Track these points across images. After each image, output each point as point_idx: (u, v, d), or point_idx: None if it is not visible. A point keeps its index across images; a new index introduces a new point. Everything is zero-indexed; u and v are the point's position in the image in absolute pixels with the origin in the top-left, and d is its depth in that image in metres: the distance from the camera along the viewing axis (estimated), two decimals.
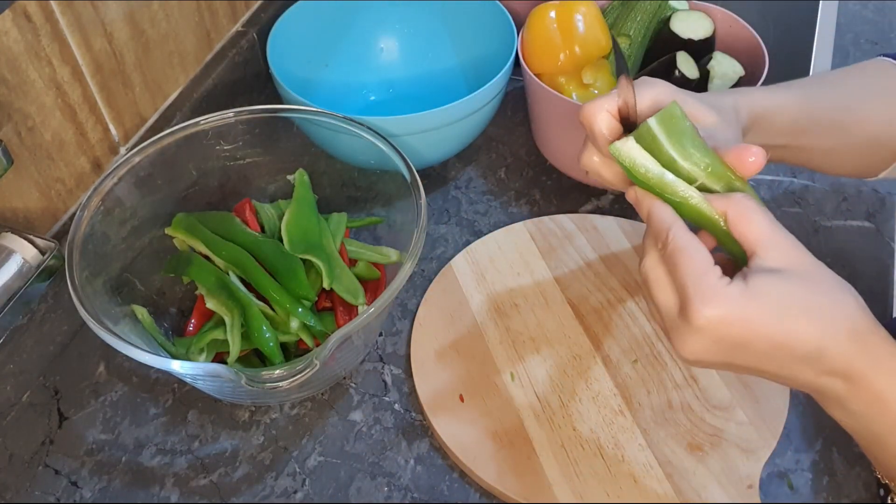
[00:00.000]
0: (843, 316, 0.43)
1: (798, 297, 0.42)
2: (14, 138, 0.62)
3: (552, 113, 0.78)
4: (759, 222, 0.44)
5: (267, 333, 0.61)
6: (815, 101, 0.61)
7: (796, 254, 0.44)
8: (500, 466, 0.60)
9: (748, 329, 0.42)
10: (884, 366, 0.43)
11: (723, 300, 0.42)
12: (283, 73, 0.78)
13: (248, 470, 0.62)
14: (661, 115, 0.47)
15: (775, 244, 0.44)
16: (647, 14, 0.81)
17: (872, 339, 0.43)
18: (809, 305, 0.42)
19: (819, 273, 0.44)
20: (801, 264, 0.44)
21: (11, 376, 0.65)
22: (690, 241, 0.45)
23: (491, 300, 0.71)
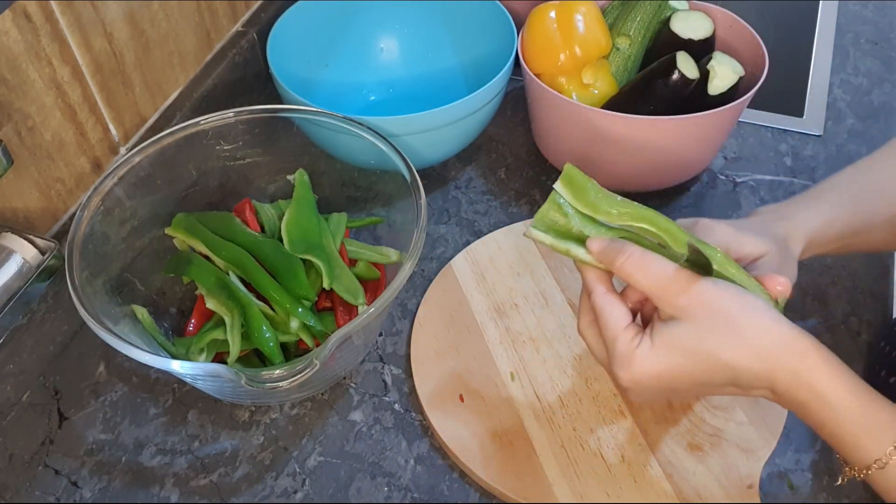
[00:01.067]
0: (751, 343, 0.47)
1: (697, 341, 0.47)
2: (14, 138, 0.62)
3: (552, 113, 0.78)
4: (648, 274, 0.48)
5: (267, 333, 0.61)
6: (864, 204, 0.60)
7: (690, 295, 0.47)
8: (500, 466, 0.60)
9: (665, 379, 0.48)
10: (800, 376, 0.46)
11: (633, 364, 0.48)
12: (283, 73, 0.78)
13: (248, 470, 0.62)
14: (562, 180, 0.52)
15: (668, 293, 0.48)
16: (647, 14, 0.81)
17: (779, 350, 0.47)
18: (709, 346, 0.47)
19: (718, 305, 0.47)
20: (698, 304, 0.47)
21: (11, 376, 0.65)
22: (605, 304, 0.50)
23: (491, 300, 0.71)
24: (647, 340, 0.48)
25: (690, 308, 0.47)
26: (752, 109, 0.90)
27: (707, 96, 0.74)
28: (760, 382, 0.47)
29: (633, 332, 0.49)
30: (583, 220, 0.52)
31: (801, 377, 0.46)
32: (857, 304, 0.71)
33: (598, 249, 0.50)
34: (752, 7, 1.05)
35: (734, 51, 0.81)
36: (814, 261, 0.75)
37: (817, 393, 0.46)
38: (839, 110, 0.91)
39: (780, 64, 0.78)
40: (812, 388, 0.46)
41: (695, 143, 0.76)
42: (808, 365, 0.46)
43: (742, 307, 0.47)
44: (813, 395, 0.46)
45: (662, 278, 0.48)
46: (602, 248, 0.50)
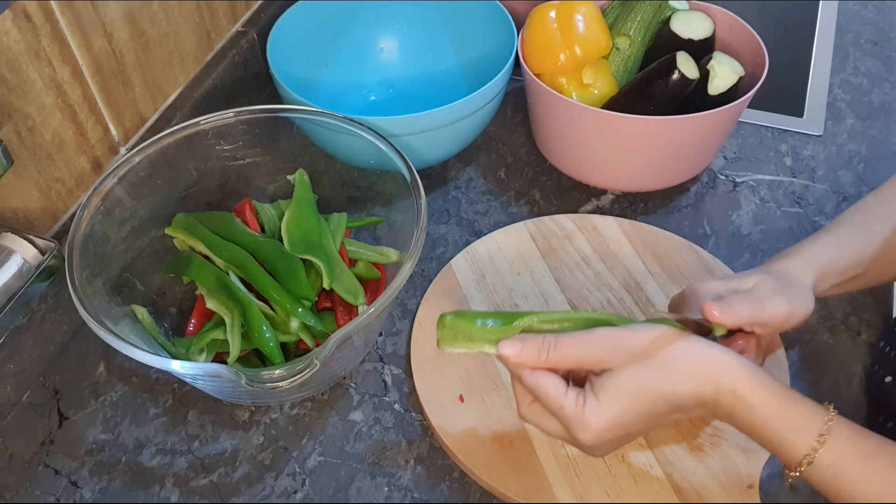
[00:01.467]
0: (674, 369, 0.50)
1: (633, 382, 0.50)
2: (14, 138, 0.62)
3: (552, 113, 0.78)
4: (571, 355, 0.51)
5: (267, 333, 0.61)
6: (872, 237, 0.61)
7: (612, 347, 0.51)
8: (500, 466, 0.60)
9: (619, 425, 0.50)
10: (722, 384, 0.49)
11: (588, 422, 0.50)
12: (283, 73, 0.78)
13: (248, 470, 0.62)
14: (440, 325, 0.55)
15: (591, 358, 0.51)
16: (647, 14, 0.81)
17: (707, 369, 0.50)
18: (644, 382, 0.50)
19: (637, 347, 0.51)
20: (622, 353, 0.51)
21: (11, 376, 0.65)
22: (539, 380, 0.51)
23: (491, 300, 0.71)
24: (592, 396, 0.50)
25: (612, 360, 0.50)
26: (752, 109, 0.90)
27: (707, 96, 0.74)
28: (695, 401, 0.50)
29: (574, 395, 0.51)
30: (478, 329, 0.54)
31: (723, 386, 0.49)
32: (857, 304, 0.71)
33: (511, 354, 0.52)
34: (752, 7, 1.05)
35: (734, 51, 0.81)
36: None
37: (739, 397, 0.49)
38: (839, 110, 0.91)
39: (780, 64, 0.78)
40: (735, 393, 0.49)
41: (695, 143, 0.76)
42: (729, 375, 0.49)
43: (651, 337, 0.51)
44: (737, 399, 0.49)
45: (581, 351, 0.51)
46: (515, 351, 0.52)
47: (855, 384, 0.66)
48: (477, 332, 0.54)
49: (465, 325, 0.54)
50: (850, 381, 0.66)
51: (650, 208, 0.81)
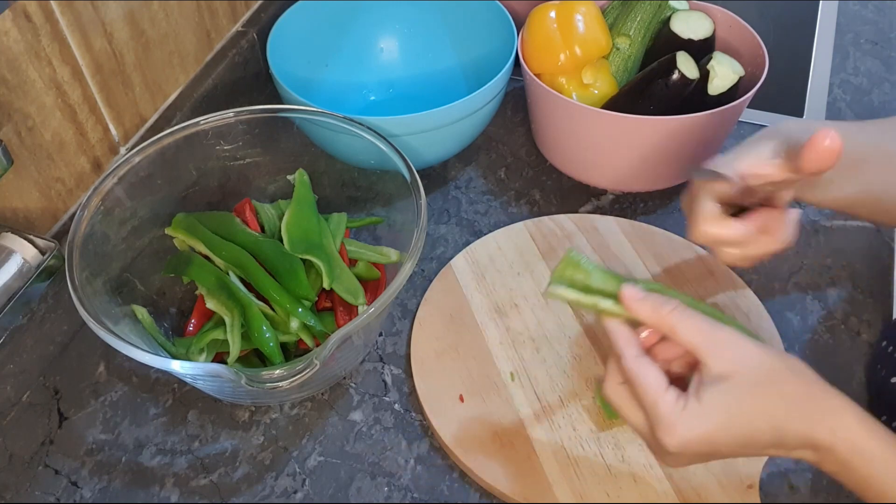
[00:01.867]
0: (793, 403, 0.46)
1: (746, 401, 0.46)
2: (14, 138, 0.62)
3: (552, 113, 0.78)
4: (695, 331, 0.48)
5: (267, 333, 0.61)
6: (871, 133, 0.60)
7: (738, 354, 0.47)
8: (500, 466, 0.60)
9: (710, 442, 0.46)
10: (837, 434, 0.46)
11: (679, 429, 0.46)
12: (283, 73, 0.78)
13: (248, 470, 0.62)
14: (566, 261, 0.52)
15: (715, 349, 0.47)
16: (647, 14, 0.81)
17: (819, 410, 0.47)
18: (758, 406, 0.46)
19: (764, 365, 0.47)
20: (746, 364, 0.47)
21: (11, 376, 0.65)
22: (640, 368, 0.48)
23: (491, 300, 0.71)
24: (694, 402, 0.46)
25: (738, 364, 0.47)
26: (752, 109, 0.90)
27: (707, 96, 0.74)
28: (803, 442, 0.46)
29: (674, 395, 0.47)
30: (603, 275, 0.51)
31: (838, 435, 0.46)
32: (857, 304, 0.71)
33: (636, 295, 0.49)
34: (752, 7, 1.05)
35: (734, 51, 0.81)
36: (814, 261, 0.75)
37: (858, 449, 0.45)
38: (839, 110, 0.91)
39: (780, 64, 0.78)
40: (853, 444, 0.46)
41: (695, 143, 0.76)
42: (845, 422, 0.46)
43: (785, 365, 0.47)
44: (854, 452, 0.46)
45: (709, 333, 0.47)
46: (640, 296, 0.49)
47: (855, 384, 0.66)
48: (597, 281, 0.51)
49: (584, 274, 0.51)
50: (850, 381, 0.66)
51: (650, 208, 0.81)
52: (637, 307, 0.49)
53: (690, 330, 0.47)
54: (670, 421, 0.46)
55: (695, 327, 0.47)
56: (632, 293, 0.49)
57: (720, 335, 0.48)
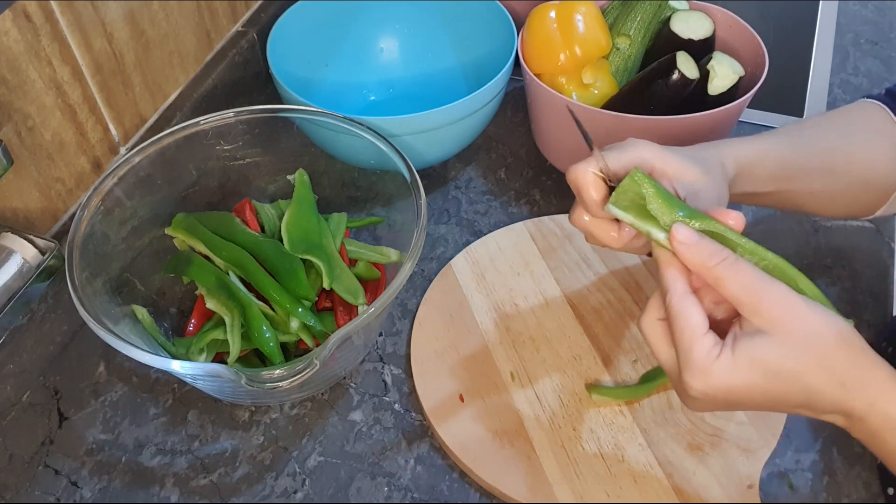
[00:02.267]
0: (833, 371, 0.45)
1: (782, 361, 0.45)
2: (14, 138, 0.62)
3: (552, 113, 0.78)
4: (741, 287, 0.46)
5: (267, 333, 0.61)
6: (799, 146, 0.61)
7: (782, 309, 0.45)
8: (500, 466, 0.60)
9: (737, 394, 0.45)
10: (876, 406, 0.45)
11: (710, 376, 0.45)
12: (283, 73, 0.78)
13: (248, 470, 0.62)
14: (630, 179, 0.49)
15: (759, 305, 0.45)
16: (647, 14, 0.81)
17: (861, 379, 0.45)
18: (794, 367, 0.45)
19: (808, 327, 0.45)
20: (788, 321, 0.45)
21: (11, 376, 0.65)
22: (684, 306, 0.46)
23: (491, 300, 0.71)
24: (728, 352, 0.45)
25: (781, 322, 0.45)
26: (752, 109, 0.90)
27: (707, 96, 0.74)
28: (835, 408, 0.46)
29: (711, 341, 0.46)
30: (662, 204, 0.48)
31: (876, 407, 0.45)
32: (857, 304, 0.71)
33: (685, 240, 0.46)
34: (752, 7, 1.05)
35: (734, 51, 0.81)
36: (814, 261, 0.75)
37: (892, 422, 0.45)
38: None
39: (780, 64, 0.78)
40: (888, 416, 0.45)
41: (695, 143, 0.76)
42: (886, 395, 0.45)
43: (833, 331, 0.45)
44: (887, 423, 0.45)
45: (757, 287, 0.45)
46: (692, 240, 0.46)
47: None
48: (658, 209, 0.48)
49: (649, 198, 0.48)
50: None
51: None
52: (685, 252, 0.46)
53: (737, 285, 0.45)
54: (702, 367, 0.45)
55: (741, 283, 0.45)
56: (683, 235, 0.46)
57: (768, 292, 0.45)
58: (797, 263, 0.59)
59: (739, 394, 0.45)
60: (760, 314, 0.45)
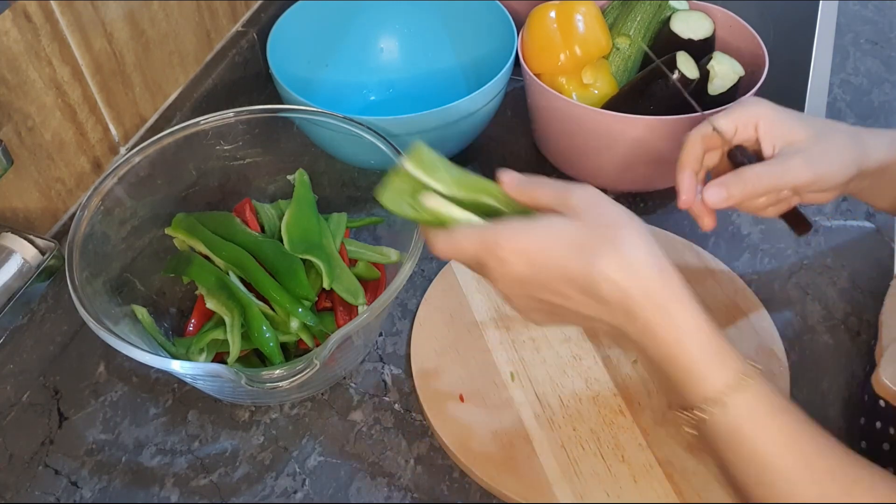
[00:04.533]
0: (625, 255, 0.46)
1: (581, 235, 0.46)
2: (14, 138, 0.62)
3: (552, 113, 0.78)
4: (552, 186, 0.50)
5: (267, 333, 0.61)
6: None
7: (580, 197, 0.48)
8: (500, 466, 0.60)
9: (533, 261, 0.46)
10: (656, 300, 0.46)
11: (514, 233, 0.47)
12: (283, 73, 0.78)
13: (248, 470, 0.62)
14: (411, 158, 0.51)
15: (569, 196, 0.48)
16: (647, 14, 0.81)
17: (651, 274, 0.46)
18: (590, 243, 0.46)
19: (607, 212, 0.48)
20: (587, 204, 0.48)
21: (11, 376, 0.65)
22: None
23: (491, 300, 0.71)
24: (530, 220, 0.47)
25: (579, 207, 0.47)
26: None
27: (707, 96, 0.74)
28: (618, 297, 0.46)
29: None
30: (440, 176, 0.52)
31: (656, 299, 0.45)
32: (857, 304, 0.71)
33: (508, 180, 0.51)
34: (752, 7, 1.05)
35: (734, 51, 0.81)
36: (814, 261, 0.75)
37: (670, 314, 0.45)
38: (839, 110, 0.91)
39: (780, 64, 0.78)
40: (666, 309, 0.45)
41: None
42: (668, 291, 0.46)
43: (628, 220, 0.47)
44: (665, 316, 0.45)
45: (565, 187, 0.49)
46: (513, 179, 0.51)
47: (855, 384, 0.66)
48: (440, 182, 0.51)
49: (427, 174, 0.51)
50: (850, 381, 0.66)
51: (650, 208, 0.81)
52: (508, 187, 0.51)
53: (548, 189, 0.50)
54: (508, 226, 0.47)
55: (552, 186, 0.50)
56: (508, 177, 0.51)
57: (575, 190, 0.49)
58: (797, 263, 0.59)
59: (534, 259, 0.46)
60: (569, 205, 0.48)
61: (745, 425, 0.44)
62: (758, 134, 0.57)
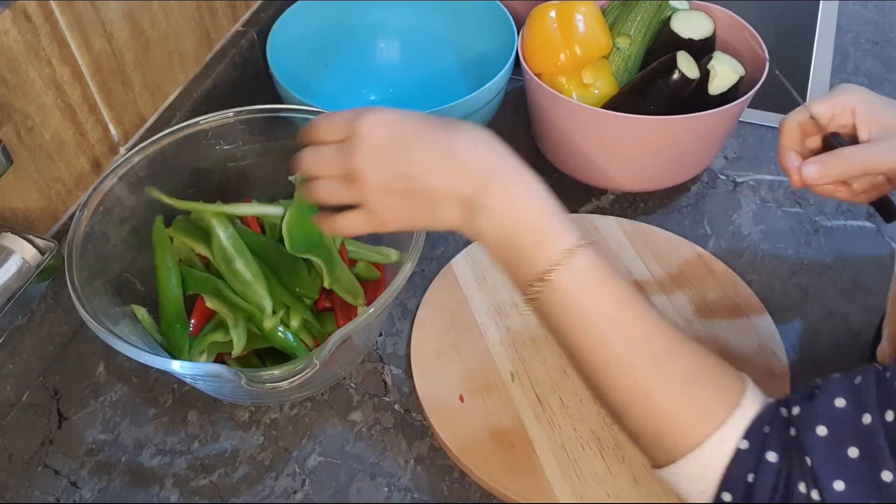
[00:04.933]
0: (471, 129, 0.50)
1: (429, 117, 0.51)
2: (14, 138, 0.62)
3: (552, 113, 0.78)
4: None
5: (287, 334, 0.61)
6: None
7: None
8: (500, 466, 0.60)
9: (394, 129, 0.50)
10: (510, 165, 0.49)
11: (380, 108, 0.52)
12: (283, 73, 0.78)
13: (248, 470, 0.62)
14: None
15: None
16: (648, 14, 0.81)
17: (499, 147, 0.50)
18: (440, 121, 0.51)
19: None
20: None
21: (11, 376, 0.65)
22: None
23: (491, 300, 0.71)
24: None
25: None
26: (753, 109, 0.90)
27: (707, 96, 0.74)
28: (476, 163, 0.49)
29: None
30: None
31: (513, 165, 0.49)
32: (857, 304, 0.71)
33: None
34: (752, 7, 1.05)
35: (734, 51, 0.81)
36: (814, 261, 0.75)
37: (524, 180, 0.49)
38: None
39: (780, 64, 0.78)
40: (521, 175, 0.49)
41: (695, 143, 0.76)
42: (519, 163, 0.50)
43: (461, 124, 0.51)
44: (520, 181, 0.49)
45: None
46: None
47: None
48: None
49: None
50: None
51: (650, 208, 0.81)
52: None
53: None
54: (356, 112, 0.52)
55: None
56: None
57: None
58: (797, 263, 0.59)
59: (395, 128, 0.50)
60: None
61: (584, 285, 0.47)
62: (854, 119, 0.58)
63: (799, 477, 0.41)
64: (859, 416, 0.41)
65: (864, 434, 0.40)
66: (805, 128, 0.60)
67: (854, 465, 0.40)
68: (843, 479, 0.40)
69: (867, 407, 0.41)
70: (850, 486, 0.40)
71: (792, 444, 0.42)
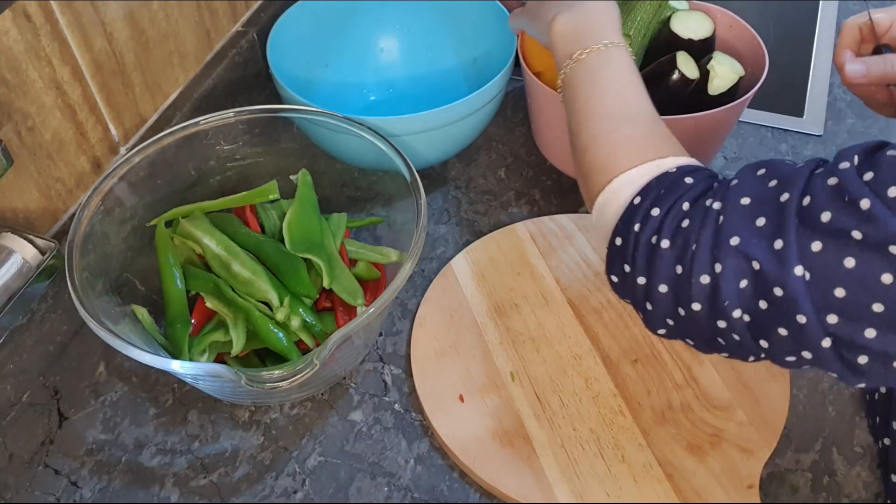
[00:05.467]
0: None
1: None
2: (14, 138, 0.62)
3: (552, 113, 0.78)
4: None
5: (279, 333, 0.61)
6: None
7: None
8: (500, 466, 0.60)
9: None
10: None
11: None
12: (283, 73, 0.78)
13: (248, 470, 0.62)
14: None
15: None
16: (647, 14, 0.81)
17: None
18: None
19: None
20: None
21: (11, 376, 0.65)
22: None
23: (491, 300, 0.71)
24: None
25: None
26: (752, 109, 0.90)
27: (707, 96, 0.74)
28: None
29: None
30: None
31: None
32: None
33: None
34: (752, 7, 1.05)
35: (734, 51, 0.81)
36: None
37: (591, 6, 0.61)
38: (839, 110, 0.91)
39: (780, 64, 0.78)
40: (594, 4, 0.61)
41: (695, 143, 0.76)
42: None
43: None
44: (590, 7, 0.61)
45: None
46: None
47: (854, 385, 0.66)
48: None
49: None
50: None
51: None
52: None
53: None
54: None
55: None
56: None
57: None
58: None
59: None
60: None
61: (615, 62, 0.58)
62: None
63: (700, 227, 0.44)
64: (779, 193, 0.43)
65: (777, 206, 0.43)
66: (864, 31, 0.63)
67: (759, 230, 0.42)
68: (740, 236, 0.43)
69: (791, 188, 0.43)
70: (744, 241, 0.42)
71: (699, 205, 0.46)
